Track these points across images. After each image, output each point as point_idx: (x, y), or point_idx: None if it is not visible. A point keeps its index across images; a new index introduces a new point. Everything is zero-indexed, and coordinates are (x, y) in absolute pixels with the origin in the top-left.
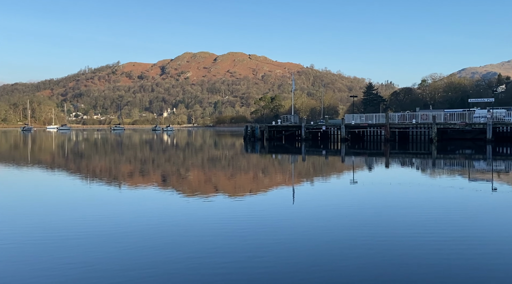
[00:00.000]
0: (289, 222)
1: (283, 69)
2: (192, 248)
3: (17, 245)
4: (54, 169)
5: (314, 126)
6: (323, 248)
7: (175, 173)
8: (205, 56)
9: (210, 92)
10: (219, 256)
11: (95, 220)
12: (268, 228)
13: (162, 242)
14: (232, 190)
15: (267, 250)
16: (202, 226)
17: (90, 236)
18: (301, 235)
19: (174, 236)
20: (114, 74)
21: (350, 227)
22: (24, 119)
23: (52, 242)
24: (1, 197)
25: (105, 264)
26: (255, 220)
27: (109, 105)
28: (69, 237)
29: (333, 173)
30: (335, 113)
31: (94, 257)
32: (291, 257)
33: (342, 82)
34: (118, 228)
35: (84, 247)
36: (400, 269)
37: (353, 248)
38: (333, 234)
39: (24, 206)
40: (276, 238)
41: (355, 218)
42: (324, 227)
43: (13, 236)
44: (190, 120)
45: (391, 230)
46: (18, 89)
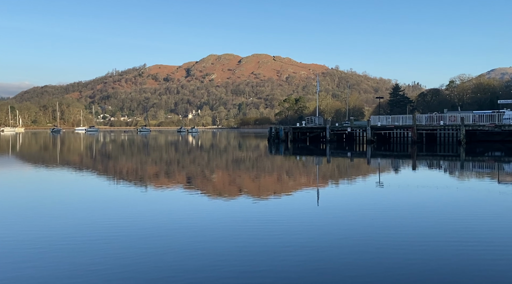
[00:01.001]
0: (313, 225)
1: (308, 70)
2: (215, 249)
3: (44, 245)
4: (82, 170)
5: (339, 128)
6: (347, 251)
7: (200, 174)
8: (229, 58)
9: (234, 94)
10: (241, 257)
11: (120, 220)
12: (292, 231)
13: (186, 243)
14: (256, 191)
15: (290, 254)
16: (225, 227)
17: (116, 236)
18: (324, 237)
19: (198, 238)
20: (141, 77)
21: (375, 230)
22: (53, 121)
23: (78, 242)
24: (30, 197)
25: (128, 266)
26: (279, 223)
27: (135, 107)
28: (95, 239)
29: (358, 175)
30: (360, 115)
31: (119, 258)
32: (315, 261)
33: (367, 83)
34: (140, 229)
35: (110, 248)
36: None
37: (380, 254)
38: (357, 238)
39: (51, 207)
40: (299, 241)
41: (380, 221)
42: (348, 229)
43: (40, 236)
44: (215, 122)
45: (418, 235)
46: (48, 91)
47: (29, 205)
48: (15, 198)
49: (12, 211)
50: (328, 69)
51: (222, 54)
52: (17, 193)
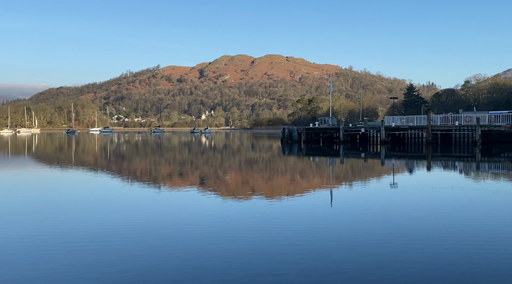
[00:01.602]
0: (327, 226)
1: (321, 71)
2: (228, 250)
3: (58, 246)
4: (96, 170)
5: (353, 129)
6: (362, 253)
7: (213, 175)
8: (242, 59)
9: (247, 94)
10: (255, 258)
11: (133, 221)
12: (305, 232)
13: (199, 244)
14: (269, 192)
15: (304, 255)
16: (238, 228)
17: (129, 237)
18: (338, 239)
19: (212, 238)
20: (154, 78)
21: (390, 232)
22: (68, 122)
23: (93, 243)
24: (45, 197)
25: (142, 266)
26: (292, 224)
27: (149, 108)
28: (109, 239)
29: (372, 176)
30: (374, 116)
31: (133, 258)
32: (329, 263)
33: (381, 83)
34: (154, 229)
35: (124, 249)
36: None
37: (394, 256)
38: (372, 240)
39: (66, 207)
40: (314, 242)
41: (395, 223)
42: (363, 231)
43: (54, 236)
44: (228, 123)
45: (434, 237)
46: (63, 93)
47: (44, 205)
48: (30, 198)
49: (26, 211)
50: (342, 70)
51: (235, 55)
52: (32, 193)
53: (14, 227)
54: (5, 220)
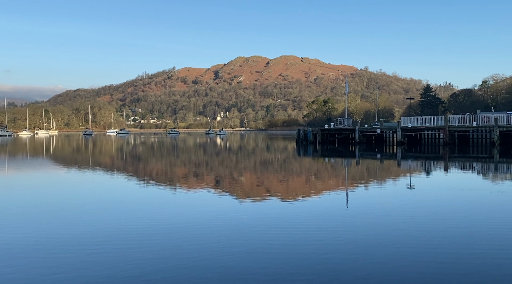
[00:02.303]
0: (342, 228)
1: (336, 71)
2: (243, 251)
3: (74, 247)
4: (113, 172)
5: (369, 130)
6: (379, 256)
7: (228, 176)
8: (257, 60)
9: (262, 96)
10: (269, 259)
11: (149, 222)
12: (320, 234)
13: (214, 245)
14: (284, 193)
15: (319, 258)
16: (253, 229)
17: (145, 238)
18: (354, 241)
19: (228, 240)
20: (170, 80)
21: (408, 235)
22: (85, 124)
23: (110, 244)
24: (62, 198)
25: (157, 267)
26: (307, 226)
27: (165, 109)
28: (124, 240)
29: (388, 177)
30: (390, 116)
31: (147, 259)
32: (345, 266)
33: (398, 84)
34: (169, 230)
35: (138, 249)
36: None
37: (413, 259)
38: (389, 242)
39: (83, 208)
40: (329, 244)
41: (413, 225)
42: (379, 233)
43: (70, 237)
44: (243, 124)
45: (452, 241)
46: (80, 95)
47: (62, 206)
48: (47, 199)
49: (43, 212)
50: (357, 70)
51: (250, 56)
52: (49, 194)
53: (32, 228)
54: (23, 221)
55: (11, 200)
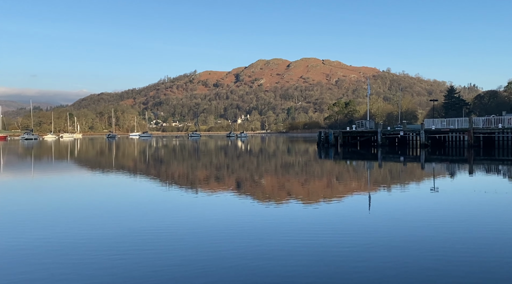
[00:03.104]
0: (365, 232)
1: (358, 73)
2: (264, 253)
3: (98, 248)
4: (136, 174)
5: (391, 132)
6: (402, 259)
7: (249, 179)
8: (278, 63)
9: (283, 98)
10: (291, 262)
11: (172, 224)
12: (342, 238)
13: (237, 247)
14: (305, 196)
15: (341, 262)
16: (275, 232)
17: (168, 240)
18: (377, 246)
19: (249, 242)
20: (191, 83)
21: (433, 239)
22: (109, 127)
23: (134, 246)
24: (86, 201)
25: (180, 268)
26: (328, 229)
27: (186, 112)
28: (148, 242)
29: (412, 180)
30: (413, 118)
31: (172, 260)
32: (368, 271)
33: (421, 85)
34: (191, 232)
35: (159, 251)
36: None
37: (438, 264)
38: (413, 246)
39: (107, 210)
40: (352, 249)
41: (438, 228)
42: (403, 237)
43: (94, 238)
44: (264, 127)
45: (478, 244)
46: (104, 98)
47: (86, 208)
48: (71, 202)
49: (67, 214)
50: (379, 72)
51: (271, 59)
52: (74, 197)
53: (57, 230)
54: (49, 223)
55: (37, 203)
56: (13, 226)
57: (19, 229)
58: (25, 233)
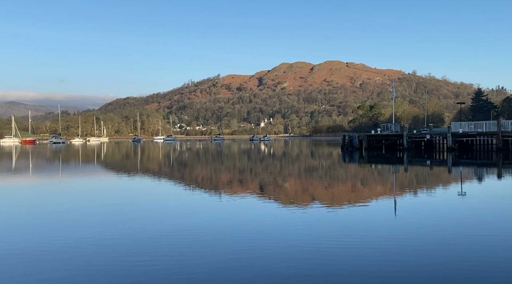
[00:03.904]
0: (391, 238)
1: (383, 76)
2: (289, 257)
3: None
4: (160, 177)
5: (417, 135)
6: (429, 267)
7: (272, 182)
8: (301, 66)
9: (306, 101)
10: (315, 267)
11: (196, 227)
12: (368, 243)
13: (260, 250)
14: (329, 200)
15: (366, 267)
16: (299, 236)
17: (191, 241)
18: (403, 251)
19: (271, 247)
20: (215, 87)
21: (462, 244)
22: (134, 131)
23: (161, 248)
24: (111, 203)
25: (205, 269)
26: (353, 234)
27: (210, 116)
28: (172, 243)
29: (438, 184)
30: (440, 122)
31: (193, 261)
32: (391, 277)
33: (447, 88)
34: (217, 234)
35: (183, 253)
36: None
37: (468, 269)
38: (440, 252)
39: (133, 212)
40: (376, 254)
41: (466, 233)
42: (429, 242)
43: (120, 239)
44: (287, 130)
45: (506, 249)
46: (130, 103)
47: (113, 211)
48: (98, 204)
49: (94, 215)
50: (405, 75)
51: (294, 62)
52: (100, 199)
53: (83, 233)
54: (76, 225)
55: (64, 204)
56: (54, 228)
57: (60, 230)
58: (67, 234)
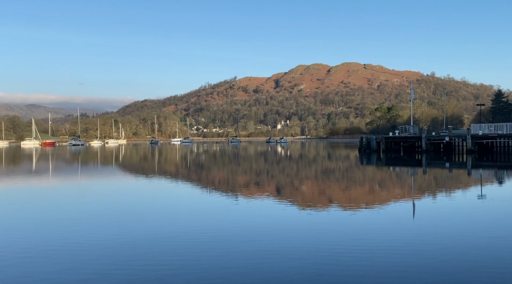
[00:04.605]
0: (409, 240)
1: (401, 78)
2: (306, 259)
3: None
4: (177, 179)
5: (436, 137)
6: (447, 269)
7: (289, 184)
8: (318, 68)
9: (323, 103)
10: (332, 271)
11: (213, 228)
12: (386, 245)
13: (276, 252)
14: (346, 202)
15: (386, 271)
16: (316, 238)
17: (207, 243)
18: (422, 255)
19: (289, 249)
20: (231, 89)
21: (480, 248)
22: (152, 133)
23: (178, 249)
24: (129, 205)
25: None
26: (371, 237)
27: (226, 118)
28: (190, 243)
29: (458, 187)
30: (459, 123)
31: (214, 262)
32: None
33: (467, 90)
34: (233, 236)
35: (200, 254)
36: None
37: (488, 275)
38: (459, 256)
39: (151, 213)
40: (395, 257)
41: (486, 238)
42: (448, 245)
43: (138, 240)
44: (304, 132)
45: None
46: (147, 105)
47: (130, 212)
48: (117, 204)
49: (111, 217)
50: (423, 76)
51: (311, 64)
52: (120, 200)
53: (100, 235)
54: (93, 226)
55: (82, 205)
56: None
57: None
58: (83, 235)
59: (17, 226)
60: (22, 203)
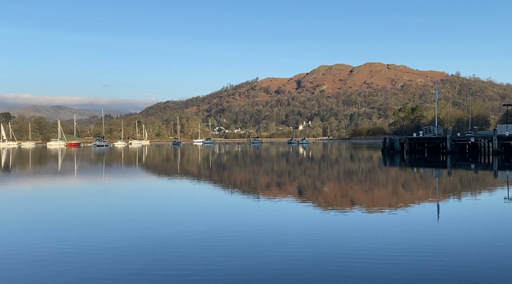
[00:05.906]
0: (434, 242)
1: (425, 78)
2: (327, 261)
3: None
4: (200, 180)
5: (461, 138)
6: (473, 273)
7: (311, 186)
8: (340, 68)
9: (345, 104)
10: (355, 273)
11: (231, 229)
12: (410, 248)
13: (298, 254)
14: (369, 204)
15: (410, 272)
16: (337, 240)
17: (225, 245)
18: (446, 258)
19: (310, 251)
20: (253, 90)
21: (507, 251)
22: (174, 134)
23: (198, 249)
24: (151, 205)
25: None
26: (395, 239)
27: (248, 119)
28: (208, 244)
29: (484, 189)
30: (485, 124)
31: (232, 263)
32: None
33: (493, 90)
34: (254, 237)
35: (224, 255)
36: None
37: None
38: (485, 259)
39: (171, 214)
40: (420, 259)
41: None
42: (474, 247)
43: (157, 240)
44: (326, 133)
45: None
46: (170, 106)
47: (152, 213)
48: (140, 204)
49: (133, 217)
50: (448, 76)
51: (333, 65)
52: (143, 199)
53: (122, 234)
54: (117, 226)
55: (105, 206)
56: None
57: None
58: (103, 236)
59: (43, 226)
60: (48, 202)
